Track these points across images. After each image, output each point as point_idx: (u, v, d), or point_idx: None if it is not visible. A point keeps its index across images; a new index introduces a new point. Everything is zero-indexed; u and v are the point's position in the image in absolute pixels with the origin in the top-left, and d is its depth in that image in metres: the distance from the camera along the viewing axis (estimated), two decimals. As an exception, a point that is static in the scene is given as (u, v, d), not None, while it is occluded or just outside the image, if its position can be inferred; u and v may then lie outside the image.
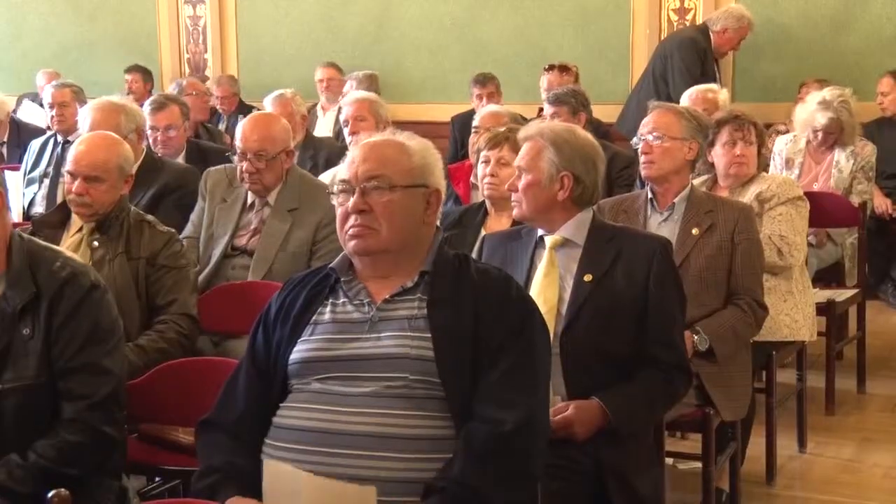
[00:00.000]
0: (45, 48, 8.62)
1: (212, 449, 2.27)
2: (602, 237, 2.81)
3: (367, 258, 2.29)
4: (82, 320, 2.46)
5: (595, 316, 2.69)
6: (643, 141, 3.53)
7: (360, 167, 2.27)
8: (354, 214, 2.25)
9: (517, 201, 2.86)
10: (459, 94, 7.37)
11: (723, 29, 6.78)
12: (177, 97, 5.35)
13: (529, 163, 2.82)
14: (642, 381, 2.69)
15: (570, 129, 2.91)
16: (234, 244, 3.92)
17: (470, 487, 2.06)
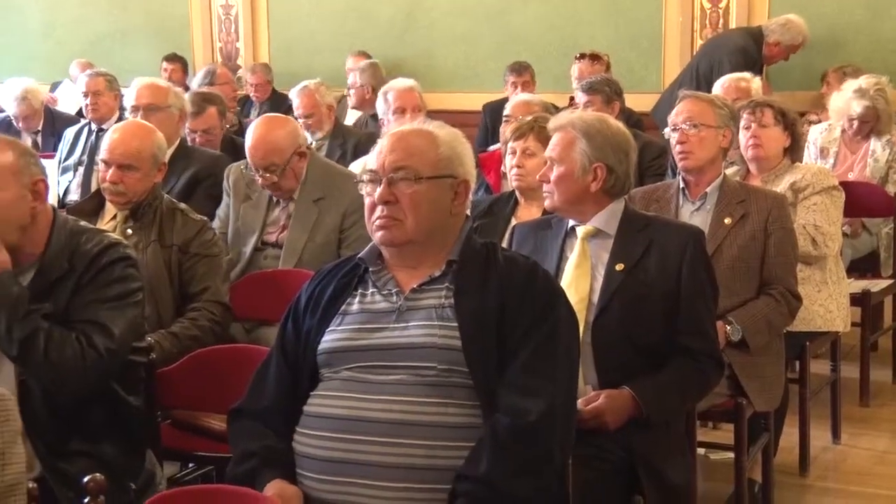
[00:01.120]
0: (78, 38, 8.69)
1: (245, 435, 2.29)
2: (634, 227, 2.79)
3: (394, 249, 2.30)
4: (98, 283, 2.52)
5: (626, 305, 2.68)
6: (679, 130, 3.50)
7: (387, 157, 2.27)
8: (381, 205, 2.26)
9: (549, 192, 2.84)
10: (491, 83, 7.36)
11: (775, 42, 6.64)
12: (214, 97, 5.32)
13: (561, 154, 2.80)
14: (674, 370, 2.68)
15: (602, 118, 2.90)
16: (263, 240, 3.94)
17: (497, 486, 2.06)
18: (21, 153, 2.54)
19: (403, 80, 5.34)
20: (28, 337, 2.41)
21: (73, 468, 2.33)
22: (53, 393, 2.48)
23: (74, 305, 2.51)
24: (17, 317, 2.41)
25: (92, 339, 2.48)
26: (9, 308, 2.41)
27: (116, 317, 2.53)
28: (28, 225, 2.51)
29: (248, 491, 2.10)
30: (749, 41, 6.67)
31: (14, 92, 6.25)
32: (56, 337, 2.44)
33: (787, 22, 6.68)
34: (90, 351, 2.47)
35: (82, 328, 2.49)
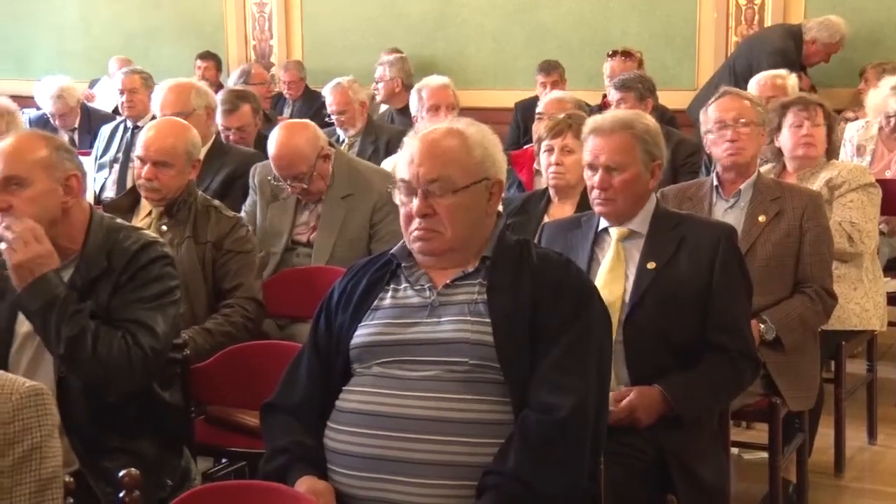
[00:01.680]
0: (113, 36, 8.76)
1: (277, 431, 2.30)
2: (666, 225, 2.78)
3: (432, 257, 2.30)
4: (137, 282, 2.55)
5: (658, 304, 2.67)
6: (730, 128, 3.47)
7: (420, 169, 2.24)
8: (419, 218, 2.24)
9: (610, 199, 2.76)
10: (522, 80, 7.34)
11: (812, 40, 6.54)
12: (248, 94, 5.34)
13: (622, 159, 2.74)
14: (706, 367, 2.66)
15: (639, 114, 2.89)
16: (293, 239, 3.95)
17: (525, 482, 2.06)
18: (55, 148, 2.57)
19: (437, 78, 5.33)
20: (76, 336, 2.44)
21: (111, 464, 2.35)
22: (100, 392, 2.50)
23: (115, 304, 2.53)
24: (65, 316, 2.44)
25: (137, 338, 2.50)
26: (58, 308, 2.44)
27: (158, 315, 2.56)
28: (59, 219, 2.54)
29: (281, 487, 2.11)
30: (788, 41, 6.59)
31: (50, 90, 6.31)
32: (103, 336, 2.47)
33: (826, 20, 6.60)
34: (136, 350, 2.49)
35: (127, 327, 2.51)
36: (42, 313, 2.45)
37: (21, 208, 2.49)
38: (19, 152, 2.53)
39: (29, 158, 2.52)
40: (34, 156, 2.52)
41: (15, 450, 1.77)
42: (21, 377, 1.87)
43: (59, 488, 1.84)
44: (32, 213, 2.49)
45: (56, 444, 1.84)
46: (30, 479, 1.78)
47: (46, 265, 2.48)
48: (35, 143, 2.56)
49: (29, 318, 2.49)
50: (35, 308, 2.46)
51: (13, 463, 1.77)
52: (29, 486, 1.78)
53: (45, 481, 1.80)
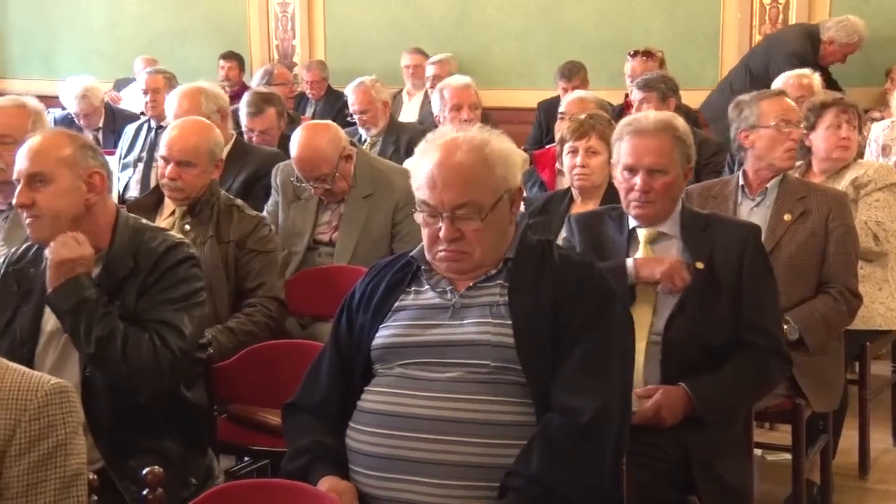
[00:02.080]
0: (140, 36, 8.81)
1: (298, 430, 2.30)
2: (696, 226, 2.77)
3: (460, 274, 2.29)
4: (165, 283, 2.56)
5: (702, 304, 2.66)
6: (794, 129, 3.47)
7: (444, 195, 2.20)
8: (446, 242, 2.22)
9: (651, 202, 2.73)
10: (545, 80, 7.31)
11: (829, 40, 6.48)
12: (273, 97, 5.35)
13: (665, 162, 2.71)
14: (734, 367, 2.65)
15: (676, 116, 2.85)
16: (315, 239, 3.96)
17: (547, 485, 2.05)
18: (79, 146, 2.59)
19: (460, 78, 5.32)
20: (106, 337, 2.45)
21: (135, 463, 2.36)
22: (124, 390, 2.51)
23: (143, 305, 2.55)
24: (95, 317, 2.45)
25: (166, 339, 2.52)
26: (88, 309, 2.46)
27: (185, 316, 2.57)
28: (82, 216, 2.56)
29: (304, 485, 2.12)
30: (805, 41, 6.53)
31: (75, 90, 6.36)
32: (132, 337, 2.48)
33: (844, 20, 6.53)
34: (164, 351, 2.51)
35: (155, 328, 2.53)
36: (73, 313, 2.47)
37: (44, 204, 2.52)
38: (44, 150, 2.56)
39: (53, 156, 2.54)
40: (58, 153, 2.55)
41: (40, 446, 1.79)
42: (46, 374, 1.89)
43: (84, 485, 1.85)
44: (55, 209, 2.52)
45: (80, 441, 1.86)
46: (54, 475, 1.79)
47: (83, 267, 2.51)
48: (60, 141, 2.58)
49: (59, 317, 2.51)
50: (66, 308, 2.48)
51: (38, 459, 1.78)
52: (53, 483, 1.79)
53: (70, 478, 1.81)
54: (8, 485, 1.77)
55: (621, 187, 2.79)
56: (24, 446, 1.78)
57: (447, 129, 2.34)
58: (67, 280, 2.48)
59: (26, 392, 1.81)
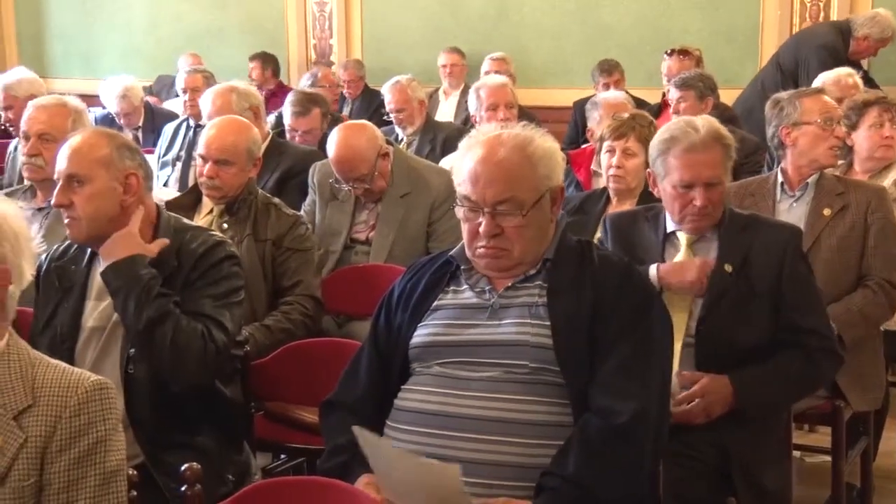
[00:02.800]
0: (178, 35, 8.88)
1: (337, 428, 2.31)
2: (735, 227, 2.75)
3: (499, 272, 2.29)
4: (206, 280, 2.59)
5: (734, 306, 2.64)
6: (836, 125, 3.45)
7: (486, 191, 2.20)
8: (486, 237, 2.22)
9: (709, 214, 2.70)
10: (581, 78, 7.29)
11: (864, 36, 6.40)
12: (319, 98, 5.34)
13: (721, 172, 2.69)
14: (780, 362, 2.63)
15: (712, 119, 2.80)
16: (352, 237, 3.97)
17: (584, 487, 2.05)
18: (117, 146, 2.61)
19: (496, 77, 5.31)
20: (158, 318, 2.48)
21: (173, 459, 2.38)
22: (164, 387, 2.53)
23: (186, 298, 2.57)
24: (149, 297, 2.47)
25: (212, 332, 2.54)
26: (142, 287, 2.48)
27: (227, 312, 2.60)
28: (117, 217, 2.57)
29: (341, 483, 2.12)
30: (836, 36, 6.46)
31: (115, 90, 6.41)
32: (185, 325, 2.51)
33: (876, 15, 6.46)
34: (211, 344, 2.53)
35: (202, 322, 2.55)
36: (126, 290, 2.49)
37: (81, 205, 2.54)
38: (82, 150, 2.58)
39: (90, 156, 2.56)
40: (95, 154, 2.57)
41: (80, 443, 1.81)
42: (87, 371, 1.91)
43: (123, 481, 1.87)
44: (91, 210, 2.54)
45: (120, 437, 1.87)
46: (94, 471, 1.81)
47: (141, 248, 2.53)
48: (97, 142, 2.60)
49: (112, 294, 2.53)
50: (119, 284, 2.50)
51: (78, 456, 1.80)
52: (94, 479, 1.81)
53: (110, 474, 1.83)
54: (49, 481, 1.79)
55: (674, 202, 2.72)
56: (65, 442, 1.80)
57: (491, 127, 2.34)
58: (125, 259, 2.51)
59: (67, 389, 1.83)
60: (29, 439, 1.79)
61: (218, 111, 4.41)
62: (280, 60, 8.34)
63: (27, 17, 9.42)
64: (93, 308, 2.62)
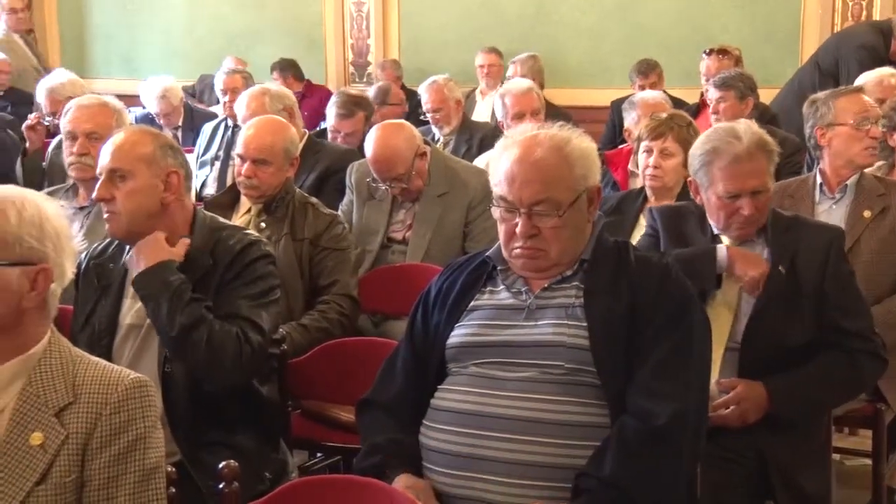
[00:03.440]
0: (217, 36, 8.95)
1: (373, 427, 2.32)
2: (780, 228, 2.72)
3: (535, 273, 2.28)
4: (242, 280, 2.60)
5: (784, 307, 2.61)
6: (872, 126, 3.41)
7: (523, 192, 2.20)
8: (523, 238, 2.22)
9: (755, 221, 2.68)
10: (619, 78, 7.25)
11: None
12: (364, 101, 5.32)
13: (766, 179, 2.66)
14: (820, 365, 2.61)
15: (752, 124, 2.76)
16: (389, 237, 3.98)
17: (621, 489, 2.04)
18: (160, 145, 2.64)
19: (520, 82, 5.18)
20: (192, 324, 2.49)
21: (212, 458, 2.40)
22: (202, 385, 2.55)
23: (222, 299, 2.58)
24: (180, 303, 2.49)
25: (247, 334, 2.55)
26: (170, 294, 2.50)
27: (263, 312, 2.61)
28: (158, 214, 2.60)
29: (378, 483, 2.13)
30: (877, 36, 6.37)
31: (154, 90, 6.48)
32: (218, 329, 2.52)
33: None
34: (247, 346, 2.54)
35: (237, 323, 2.56)
36: (156, 297, 2.51)
37: (122, 200, 2.57)
38: (126, 146, 2.61)
39: (133, 153, 2.60)
40: (139, 151, 2.60)
41: (120, 440, 1.82)
42: (126, 369, 1.93)
43: (162, 478, 1.88)
44: (131, 205, 2.57)
45: (159, 434, 1.89)
46: (133, 468, 1.83)
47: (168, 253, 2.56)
48: (141, 139, 2.64)
49: (143, 301, 2.55)
50: (149, 291, 2.52)
51: (118, 453, 1.82)
52: (133, 476, 1.82)
53: (149, 471, 1.84)
54: (89, 477, 1.81)
55: (719, 211, 2.69)
56: (105, 440, 1.82)
57: (527, 127, 2.33)
58: (155, 265, 2.53)
59: (107, 386, 1.85)
60: (70, 436, 1.81)
61: (252, 114, 4.43)
62: (318, 60, 8.39)
63: (69, 18, 9.54)
64: (129, 306, 2.65)
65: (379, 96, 5.99)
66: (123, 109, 3.76)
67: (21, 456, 1.80)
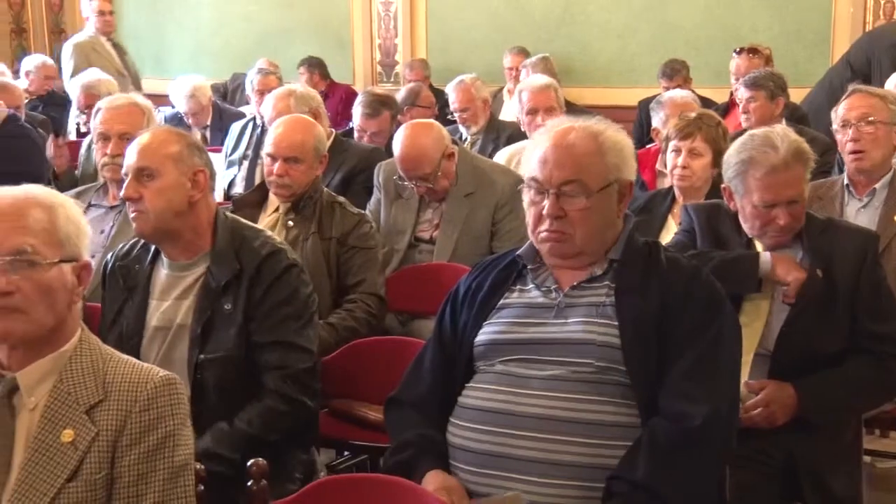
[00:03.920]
0: (246, 35, 8.99)
1: (401, 424, 2.32)
2: (815, 231, 2.69)
3: (560, 259, 2.28)
4: (278, 298, 2.60)
5: (820, 311, 2.59)
6: (852, 127, 3.35)
7: (554, 172, 2.22)
8: (549, 219, 2.22)
9: (791, 229, 2.66)
10: (647, 77, 7.22)
11: None
12: (390, 101, 5.33)
13: (802, 188, 2.64)
14: (850, 369, 2.59)
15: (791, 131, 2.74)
16: (416, 236, 3.98)
17: (654, 492, 2.03)
18: (185, 144, 2.66)
19: (539, 79, 5.12)
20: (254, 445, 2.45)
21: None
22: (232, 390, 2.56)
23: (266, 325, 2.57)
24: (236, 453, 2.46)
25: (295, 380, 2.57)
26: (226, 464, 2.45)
27: (307, 332, 2.63)
28: (186, 212, 2.61)
29: (407, 482, 2.13)
30: None
31: (183, 89, 6.52)
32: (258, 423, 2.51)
33: None
34: (296, 404, 2.57)
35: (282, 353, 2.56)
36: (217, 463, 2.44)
37: (150, 198, 2.58)
38: (152, 146, 2.63)
39: (161, 152, 2.61)
40: (166, 150, 2.62)
41: (150, 437, 1.84)
42: (156, 367, 1.94)
43: (191, 475, 1.89)
44: (160, 203, 2.58)
45: (188, 432, 1.90)
46: (163, 465, 1.84)
47: None
48: (168, 138, 2.66)
49: None
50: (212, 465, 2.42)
51: (147, 450, 1.83)
52: (162, 473, 1.83)
53: (178, 468, 1.86)
54: (119, 474, 1.82)
55: (754, 219, 2.67)
56: (135, 437, 1.83)
57: (562, 119, 2.36)
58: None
59: (137, 384, 1.86)
60: (100, 433, 1.82)
61: (278, 115, 4.43)
62: (346, 60, 8.41)
63: (100, 18, 9.61)
64: (155, 307, 2.65)
65: (409, 98, 5.97)
66: (151, 107, 3.78)
67: (52, 453, 1.81)
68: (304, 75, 7.88)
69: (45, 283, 1.84)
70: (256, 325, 2.57)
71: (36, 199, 1.89)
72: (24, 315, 1.83)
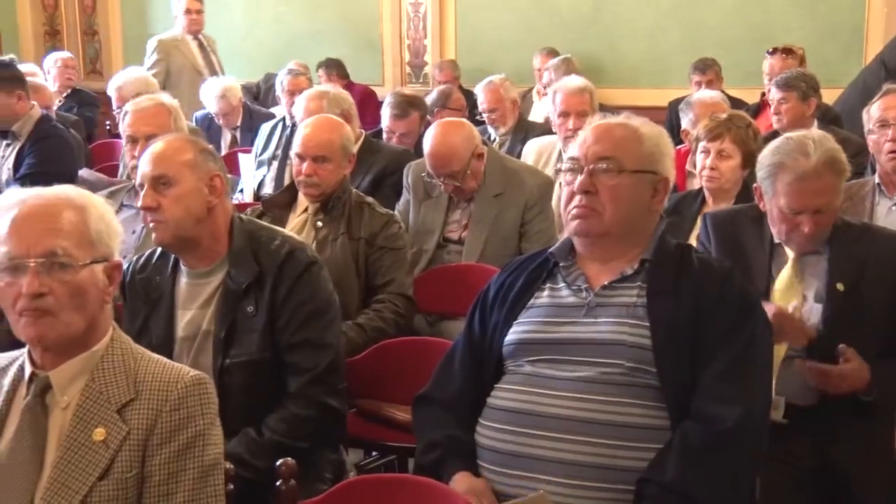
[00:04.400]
0: (276, 37, 9.03)
1: (430, 423, 2.32)
2: (848, 239, 2.64)
3: (588, 240, 2.28)
4: (301, 296, 2.59)
5: (847, 326, 2.55)
6: (891, 127, 3.32)
7: (591, 148, 2.26)
8: (580, 194, 2.24)
9: (816, 237, 2.61)
10: (677, 78, 7.18)
11: None
12: (418, 102, 5.31)
13: (832, 197, 2.59)
14: None
15: (830, 139, 2.69)
16: (445, 237, 3.98)
17: (685, 494, 2.02)
18: (199, 150, 2.64)
19: (574, 80, 5.00)
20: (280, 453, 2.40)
21: None
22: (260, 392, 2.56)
23: (290, 325, 2.57)
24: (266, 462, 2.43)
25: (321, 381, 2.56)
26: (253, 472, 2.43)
27: (331, 329, 2.63)
28: (204, 218, 2.60)
29: (436, 483, 2.13)
30: None
31: (214, 90, 6.56)
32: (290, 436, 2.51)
33: None
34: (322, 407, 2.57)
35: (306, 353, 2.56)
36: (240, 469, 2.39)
37: (169, 206, 2.56)
38: (167, 154, 2.61)
39: (176, 159, 2.60)
40: (181, 157, 2.60)
41: (180, 436, 1.85)
42: (185, 366, 1.95)
43: (221, 474, 1.91)
44: (180, 211, 2.56)
45: (218, 431, 1.91)
46: (193, 464, 1.85)
47: None
48: (181, 145, 2.64)
49: None
50: None
51: (178, 449, 1.85)
52: (192, 472, 1.85)
53: (208, 467, 1.87)
54: (150, 473, 1.84)
55: (781, 224, 2.63)
56: (165, 436, 1.84)
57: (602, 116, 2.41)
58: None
59: (167, 383, 1.88)
60: (131, 432, 1.84)
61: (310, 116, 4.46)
62: (375, 61, 8.42)
63: (132, 18, 9.69)
64: (181, 317, 2.64)
65: (440, 100, 5.93)
66: (177, 106, 3.80)
67: (84, 451, 1.83)
68: (323, 77, 7.90)
69: (77, 285, 1.86)
70: (283, 325, 2.57)
71: (68, 200, 1.91)
72: (57, 317, 1.85)
